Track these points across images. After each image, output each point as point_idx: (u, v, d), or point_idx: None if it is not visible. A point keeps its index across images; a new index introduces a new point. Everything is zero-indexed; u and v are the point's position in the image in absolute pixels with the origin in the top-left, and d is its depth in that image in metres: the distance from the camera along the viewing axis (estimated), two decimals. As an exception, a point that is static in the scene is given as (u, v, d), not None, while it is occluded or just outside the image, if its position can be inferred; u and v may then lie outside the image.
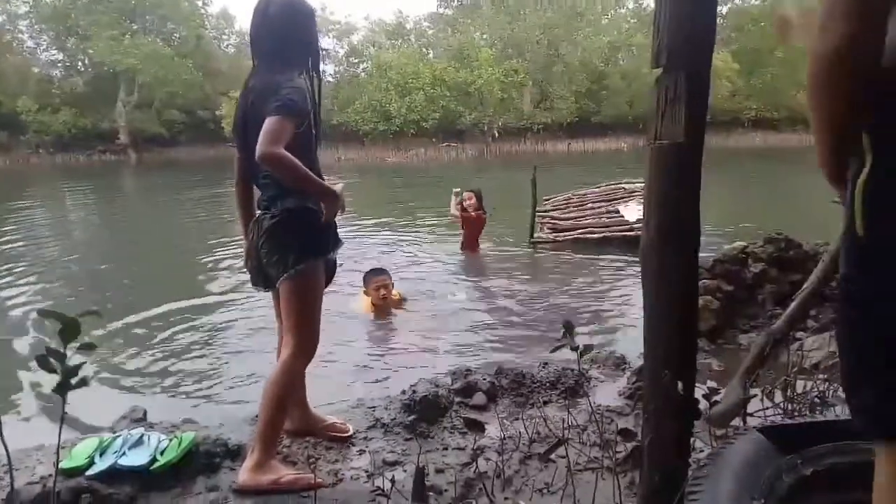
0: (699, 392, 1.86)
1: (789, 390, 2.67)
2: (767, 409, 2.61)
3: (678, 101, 1.56)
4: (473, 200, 7.13)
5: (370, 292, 5.05)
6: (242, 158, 2.42)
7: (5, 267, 7.51)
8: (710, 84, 1.61)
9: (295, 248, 2.25)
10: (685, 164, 1.61)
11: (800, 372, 2.82)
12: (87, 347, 1.31)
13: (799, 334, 3.52)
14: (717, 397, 2.26)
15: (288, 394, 2.30)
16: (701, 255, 3.88)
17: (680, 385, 1.70)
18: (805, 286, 2.79)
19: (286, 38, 2.24)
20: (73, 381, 1.28)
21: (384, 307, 5.04)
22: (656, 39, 1.58)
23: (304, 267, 2.25)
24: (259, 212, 2.36)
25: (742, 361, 2.70)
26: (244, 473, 2.20)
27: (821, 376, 2.87)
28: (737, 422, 2.40)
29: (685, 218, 1.64)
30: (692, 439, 1.80)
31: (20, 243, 9.49)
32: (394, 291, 5.19)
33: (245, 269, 2.53)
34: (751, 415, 2.49)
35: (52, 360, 1.23)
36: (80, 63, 40.03)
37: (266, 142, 2.01)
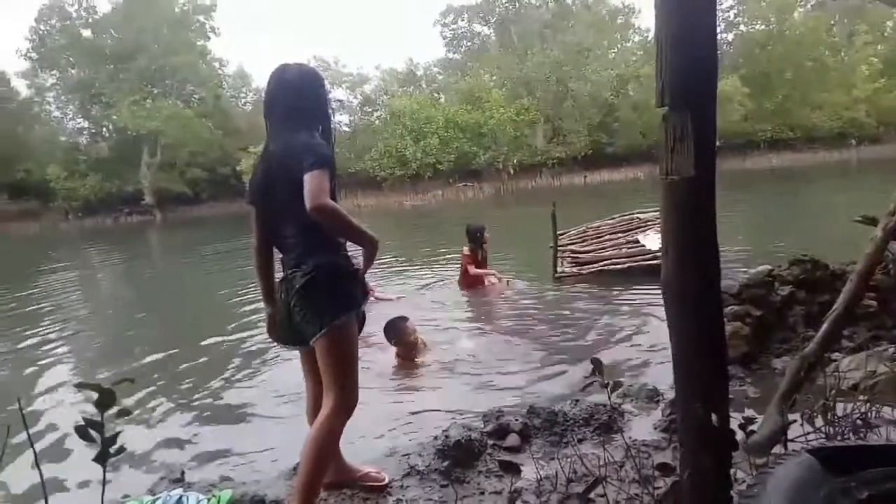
0: (735, 421, 1.84)
1: (829, 413, 2.62)
2: (808, 434, 2.56)
3: (686, 137, 1.59)
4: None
5: (406, 341, 4.88)
6: (263, 221, 2.45)
7: (39, 329, 7.67)
8: (716, 118, 1.64)
9: (329, 304, 2.28)
10: (698, 196, 1.64)
11: (839, 394, 2.77)
12: (123, 414, 1.35)
13: (834, 355, 3.46)
14: (754, 426, 2.23)
15: (330, 451, 2.32)
16: (726, 280, 3.84)
17: (714, 416, 1.69)
18: (836, 306, 2.76)
19: (302, 104, 2.36)
20: (112, 449, 1.31)
21: (412, 354, 4.97)
22: (659, 79, 1.63)
23: (340, 322, 2.27)
24: (287, 271, 2.38)
25: (777, 386, 2.66)
26: None
27: (861, 397, 2.81)
28: (777, 449, 2.35)
29: (703, 249, 1.66)
30: (732, 470, 1.78)
31: (49, 306, 9.70)
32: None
33: (268, 334, 2.55)
34: (791, 440, 2.45)
35: (90, 430, 1.27)
36: (104, 129, 41.47)
37: (315, 195, 2.09)
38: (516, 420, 2.93)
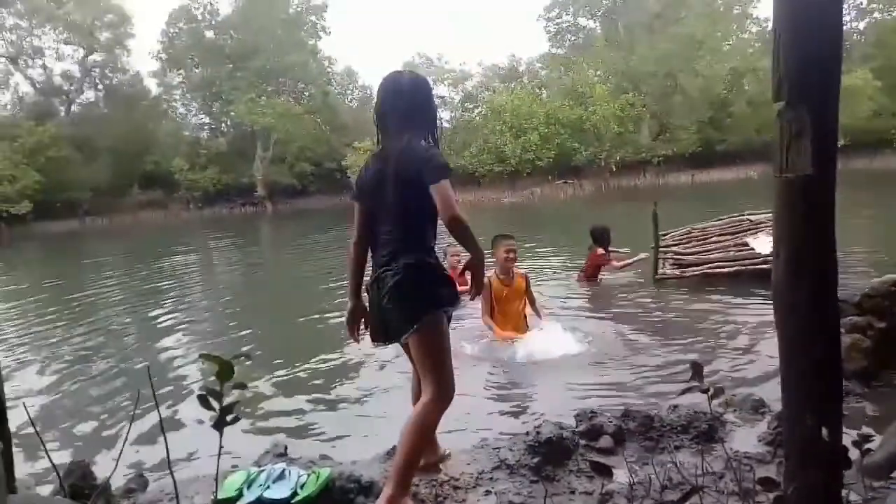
0: (848, 439, 1.73)
1: (960, 440, 2.39)
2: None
3: (803, 134, 1.50)
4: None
5: (498, 254, 5.22)
6: (366, 217, 2.57)
7: (167, 311, 8.38)
8: (838, 115, 1.54)
9: (418, 302, 2.39)
10: (815, 197, 1.55)
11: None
12: (240, 387, 1.45)
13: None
14: (871, 444, 2.07)
15: (426, 437, 2.42)
16: (847, 290, 3.59)
17: (825, 431, 1.60)
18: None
19: (414, 111, 2.50)
20: (229, 418, 1.43)
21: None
22: (776, 72, 1.55)
23: (427, 319, 2.38)
24: (379, 269, 2.49)
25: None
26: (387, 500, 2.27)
27: None
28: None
29: (819, 253, 1.56)
30: (844, 491, 1.67)
31: (175, 288, 10.55)
32: (517, 269, 5.39)
33: (347, 327, 2.67)
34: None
35: (210, 399, 1.39)
36: (223, 124, 44.46)
37: (450, 206, 2.27)
38: (610, 422, 2.88)
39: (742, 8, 41.11)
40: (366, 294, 2.63)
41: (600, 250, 7.64)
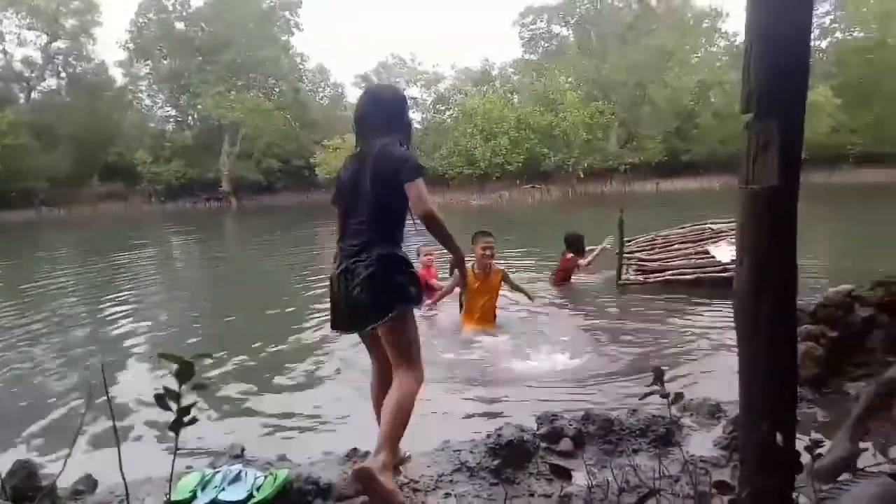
0: (801, 444, 1.76)
1: (906, 447, 2.46)
2: (881, 464, 2.41)
3: (770, 146, 1.53)
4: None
5: (476, 249, 5.41)
6: (344, 213, 2.70)
7: (123, 305, 8.16)
8: (803, 128, 1.57)
9: (394, 293, 2.54)
10: (779, 208, 1.57)
11: (918, 427, 2.60)
12: (200, 387, 1.41)
13: (917, 386, 3.25)
14: (821, 449, 2.12)
15: (408, 411, 2.53)
16: (803, 299, 3.67)
17: (779, 436, 1.62)
18: (921, 333, 2.59)
19: (392, 119, 2.72)
20: (186, 419, 1.38)
21: (481, 319, 5.46)
22: (746, 84, 1.57)
23: (399, 311, 2.54)
24: (349, 260, 2.58)
25: (850, 412, 2.52)
26: (375, 470, 2.29)
27: (943, 433, 2.63)
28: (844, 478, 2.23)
29: (780, 263, 1.59)
30: (795, 494, 1.70)
31: (132, 281, 10.28)
32: (495, 265, 5.61)
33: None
34: (861, 470, 2.31)
35: (168, 399, 1.35)
36: (189, 118, 43.61)
37: (424, 201, 2.48)
38: (570, 425, 2.89)
39: (711, 22, 42.08)
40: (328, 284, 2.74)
41: (570, 255, 7.75)
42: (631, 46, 39.75)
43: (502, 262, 6.46)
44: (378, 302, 2.52)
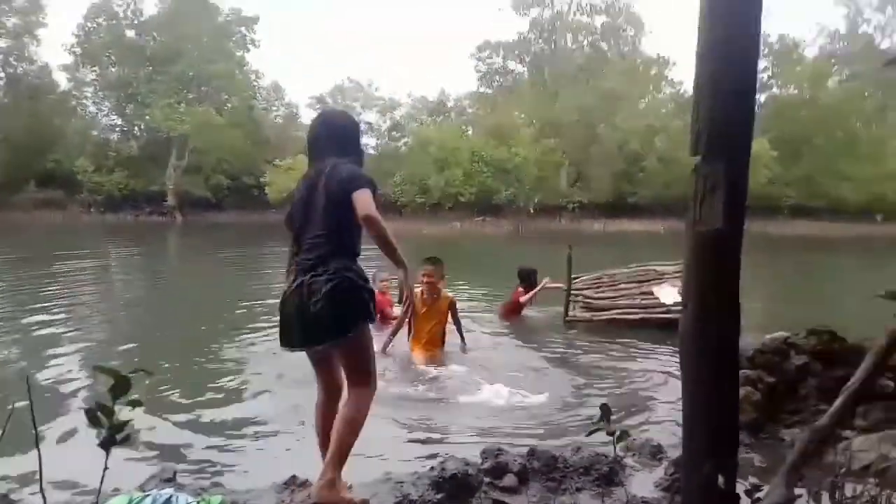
0: (741, 487, 1.79)
1: (837, 492, 2.54)
2: (814, 510, 2.48)
3: (717, 188, 1.58)
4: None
5: (418, 276, 5.47)
6: (299, 230, 2.69)
7: (54, 315, 7.76)
8: (748, 173, 1.63)
9: (356, 309, 2.56)
10: (725, 250, 1.62)
11: (848, 474, 2.69)
12: (135, 404, 1.34)
13: (847, 433, 3.37)
14: (759, 494, 2.16)
15: (359, 429, 2.57)
16: (742, 344, 3.76)
17: (721, 478, 1.64)
18: (852, 381, 2.69)
19: (346, 143, 2.77)
20: (119, 437, 1.31)
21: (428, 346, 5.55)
22: (695, 127, 1.62)
23: (360, 328, 2.57)
24: (305, 275, 2.54)
25: (785, 458, 2.59)
26: (321, 490, 2.45)
27: (872, 480, 2.72)
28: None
29: (725, 303, 1.63)
30: (734, 538, 1.72)
31: (62, 290, 9.81)
32: (445, 292, 5.71)
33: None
34: (795, 516, 2.36)
35: (100, 415, 1.27)
36: (136, 128, 42.30)
37: (367, 207, 2.49)
38: (515, 460, 2.87)
39: (658, 69, 43.86)
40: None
41: (521, 289, 7.82)
42: (582, 87, 41.03)
43: (452, 291, 6.46)
44: (339, 318, 2.51)
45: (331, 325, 2.50)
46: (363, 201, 2.50)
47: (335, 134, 2.78)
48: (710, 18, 1.60)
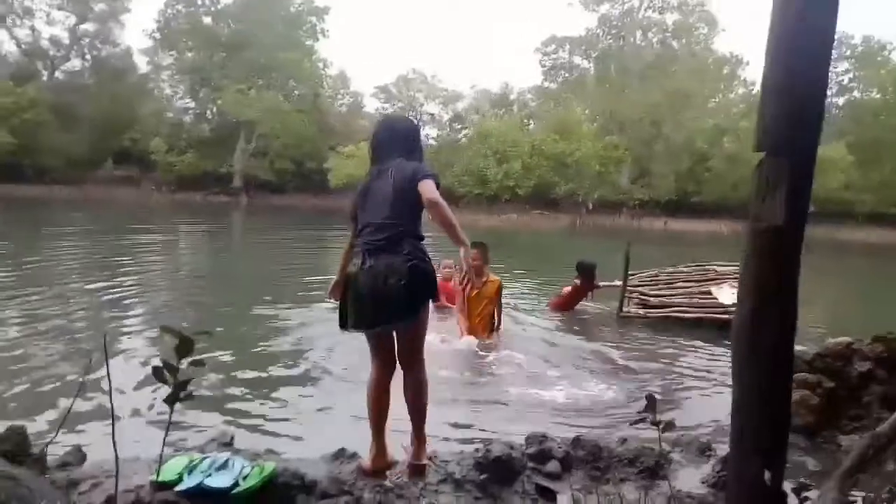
0: (789, 486, 1.77)
1: (894, 502, 2.46)
2: (867, 518, 2.41)
3: (780, 185, 1.56)
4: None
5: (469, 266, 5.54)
6: (367, 214, 2.80)
7: (126, 285, 8.21)
8: (813, 171, 1.60)
9: (427, 291, 2.72)
10: (784, 247, 1.59)
11: (907, 484, 2.59)
12: (198, 364, 1.42)
13: (909, 444, 3.24)
14: (808, 494, 2.12)
15: (426, 405, 2.79)
16: (802, 347, 3.67)
17: (768, 475, 1.63)
18: (916, 391, 2.60)
19: (408, 144, 2.93)
20: (182, 394, 1.40)
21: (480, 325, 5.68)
22: (761, 124, 1.60)
23: (427, 307, 2.75)
24: (380, 254, 2.65)
25: (840, 463, 2.52)
26: (424, 458, 2.74)
27: (932, 492, 2.62)
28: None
29: (782, 301, 1.61)
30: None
31: (140, 265, 10.33)
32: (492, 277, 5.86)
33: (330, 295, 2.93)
34: (847, 521, 2.31)
35: (166, 372, 1.36)
36: (208, 111, 43.87)
37: (432, 192, 2.67)
38: (560, 447, 2.89)
39: (731, 68, 42.36)
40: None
41: (578, 282, 7.76)
42: (650, 84, 40.01)
43: (507, 281, 6.51)
44: (414, 298, 2.65)
45: (406, 305, 2.64)
46: (429, 188, 2.67)
47: (398, 136, 2.92)
48: (780, 14, 1.57)
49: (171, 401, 1.39)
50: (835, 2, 1.56)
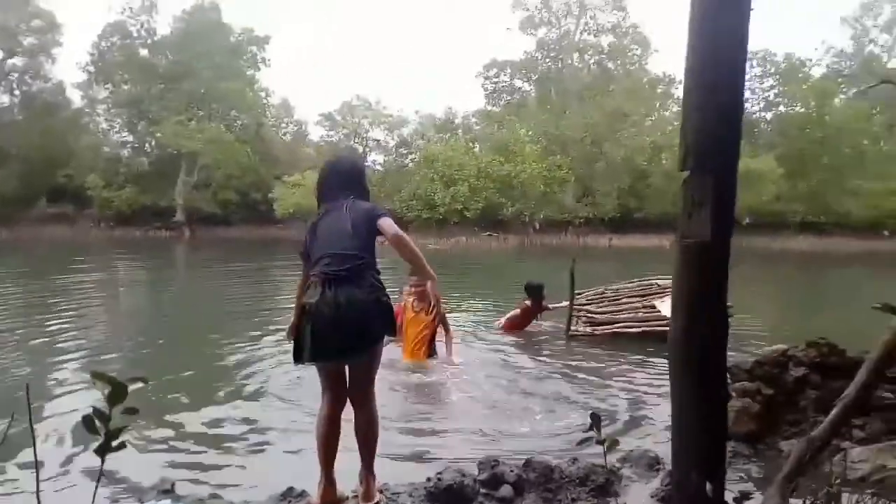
0: (730, 495, 1.81)
1: (833, 502, 2.53)
2: (809, 520, 2.47)
3: (705, 202, 1.61)
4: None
5: (411, 292, 5.82)
6: (322, 247, 2.78)
7: (58, 325, 7.84)
8: (736, 187, 1.66)
9: (385, 323, 2.73)
10: (712, 262, 1.64)
11: (844, 484, 2.68)
12: (131, 412, 1.36)
13: (844, 444, 3.36)
14: (750, 501, 2.17)
15: (377, 439, 2.79)
16: (741, 356, 3.80)
17: (709, 486, 1.66)
18: (847, 391, 2.70)
19: (355, 182, 3.00)
20: (114, 443, 1.33)
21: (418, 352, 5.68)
22: (683, 143, 1.66)
23: (384, 341, 2.79)
24: (335, 287, 2.60)
25: (782, 468, 2.59)
26: (375, 495, 2.69)
27: (868, 491, 2.72)
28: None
29: (711, 314, 1.66)
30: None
31: (76, 307, 9.89)
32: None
33: (290, 342, 2.82)
34: (789, 525, 2.36)
35: (97, 421, 1.30)
36: (147, 144, 42.81)
37: (396, 228, 2.77)
38: (511, 471, 2.89)
39: (665, 88, 44.06)
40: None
41: (527, 303, 7.81)
42: (589, 105, 41.26)
43: (456, 303, 6.49)
44: (377, 329, 2.68)
45: (368, 338, 2.66)
46: (390, 225, 2.77)
47: (346, 177, 2.99)
48: (696, 35, 1.64)
49: (101, 451, 1.32)
50: (747, 24, 1.64)
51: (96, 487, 1.42)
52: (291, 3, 73.69)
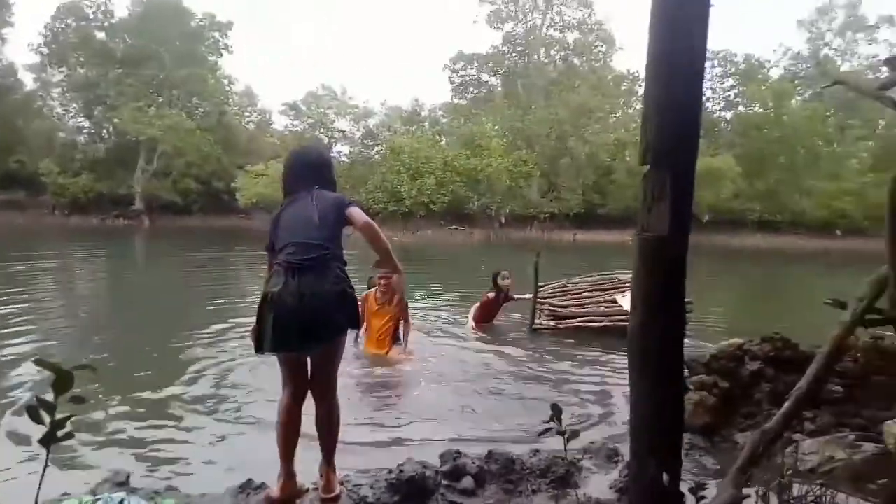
0: (686, 486, 1.84)
1: (785, 493, 2.61)
2: (762, 510, 2.54)
3: (663, 197, 1.63)
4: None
5: (376, 282, 5.88)
6: (287, 236, 2.72)
7: (9, 317, 7.57)
8: (694, 183, 1.68)
9: (350, 314, 2.70)
10: (670, 256, 1.67)
11: (795, 475, 2.76)
12: (78, 401, 1.32)
13: (796, 436, 3.46)
14: (705, 493, 2.22)
15: (338, 429, 2.77)
16: (698, 350, 3.86)
17: (665, 476, 1.69)
18: (799, 384, 2.78)
19: (322, 173, 2.96)
20: (60, 433, 1.29)
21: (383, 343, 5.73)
22: (644, 139, 1.68)
23: (347, 332, 2.74)
24: (299, 277, 2.54)
25: (737, 460, 2.65)
26: (336, 488, 2.67)
27: (817, 481, 2.81)
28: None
29: (670, 307, 1.68)
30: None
31: (27, 295, 9.57)
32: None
33: (250, 336, 2.71)
34: (742, 515, 2.42)
35: (41, 411, 1.25)
36: (104, 131, 41.55)
37: (366, 218, 2.76)
38: (473, 463, 2.90)
39: (629, 85, 44.64)
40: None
41: (491, 294, 7.86)
42: (554, 100, 41.59)
43: (420, 300, 6.47)
44: (341, 320, 2.63)
45: (333, 328, 2.61)
46: (360, 213, 2.75)
47: (312, 168, 2.94)
48: (656, 34, 1.66)
49: (46, 441, 1.28)
50: (706, 22, 1.66)
51: (41, 480, 1.37)
52: (256, -11, 72.33)
